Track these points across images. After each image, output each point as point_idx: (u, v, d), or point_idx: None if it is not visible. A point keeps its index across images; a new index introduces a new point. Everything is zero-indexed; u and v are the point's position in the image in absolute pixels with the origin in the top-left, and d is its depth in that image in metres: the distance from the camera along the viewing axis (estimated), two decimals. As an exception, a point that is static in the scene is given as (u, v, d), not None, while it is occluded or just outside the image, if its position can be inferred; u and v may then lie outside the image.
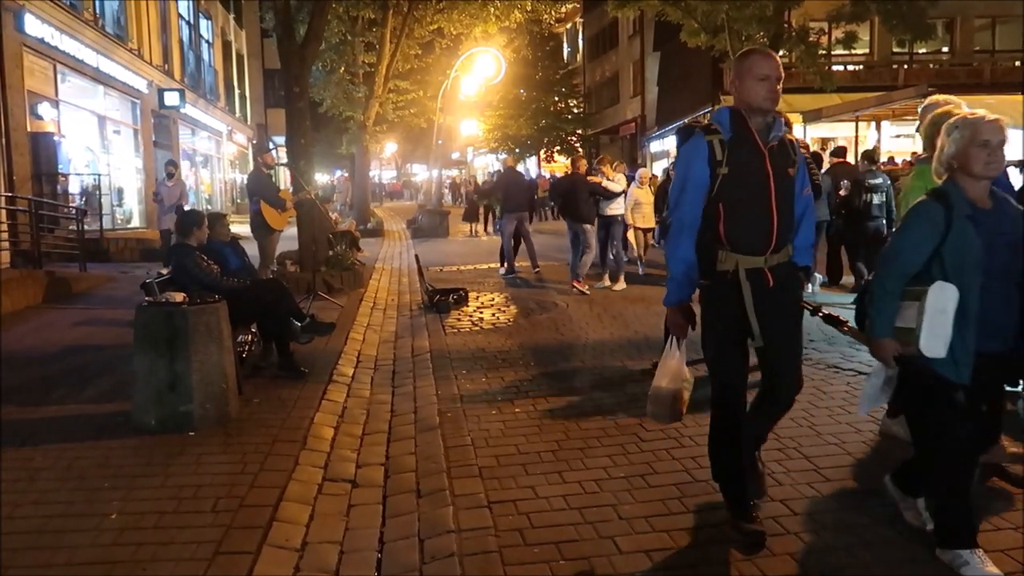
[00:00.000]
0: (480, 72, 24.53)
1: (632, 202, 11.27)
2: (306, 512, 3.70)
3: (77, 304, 9.78)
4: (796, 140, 3.28)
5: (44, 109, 14.06)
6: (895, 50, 25.80)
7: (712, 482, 3.44)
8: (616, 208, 10.61)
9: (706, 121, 3.17)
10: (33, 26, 12.97)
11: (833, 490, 3.71)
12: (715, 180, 3.05)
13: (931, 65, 27.55)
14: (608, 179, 10.44)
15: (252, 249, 7.97)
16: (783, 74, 3.11)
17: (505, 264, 12.42)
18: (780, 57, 20.11)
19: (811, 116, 23.71)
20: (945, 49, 27.83)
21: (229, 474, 4.03)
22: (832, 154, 10.57)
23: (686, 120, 6.05)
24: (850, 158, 11.58)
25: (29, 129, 13.15)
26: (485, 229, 21.71)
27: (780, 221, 3.10)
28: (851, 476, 3.89)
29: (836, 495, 3.66)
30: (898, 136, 23.84)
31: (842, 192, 8.51)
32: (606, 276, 10.56)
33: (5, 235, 10.83)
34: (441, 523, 3.54)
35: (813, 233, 3.42)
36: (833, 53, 23.47)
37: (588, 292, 9.97)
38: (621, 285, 10.28)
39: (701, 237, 3.11)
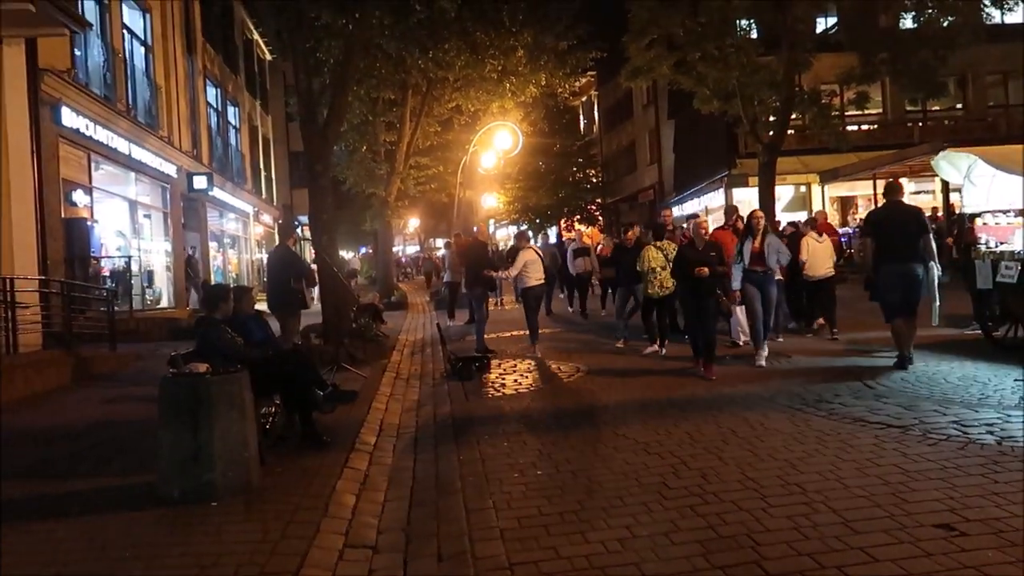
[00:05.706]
0: (498, 146, 24.99)
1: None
2: (326, 578, 3.67)
3: (106, 383, 9.92)
4: None
5: (78, 196, 14.52)
6: (909, 108, 25.92)
7: (737, 538, 3.36)
8: None
9: None
10: (69, 118, 13.51)
11: (863, 543, 3.61)
12: None
13: (946, 122, 27.67)
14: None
15: (274, 326, 8.09)
16: None
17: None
18: (793, 120, 20.18)
19: (828, 176, 23.79)
20: (959, 105, 27.98)
21: (250, 542, 4.02)
22: (789, 224, 12.91)
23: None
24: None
25: (63, 215, 13.55)
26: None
27: None
28: (881, 528, 3.78)
29: (866, 548, 3.56)
30: (917, 192, 23.81)
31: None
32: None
33: (38, 318, 11.07)
34: (462, 586, 3.49)
35: None
36: (847, 113, 23.69)
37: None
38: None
39: None
